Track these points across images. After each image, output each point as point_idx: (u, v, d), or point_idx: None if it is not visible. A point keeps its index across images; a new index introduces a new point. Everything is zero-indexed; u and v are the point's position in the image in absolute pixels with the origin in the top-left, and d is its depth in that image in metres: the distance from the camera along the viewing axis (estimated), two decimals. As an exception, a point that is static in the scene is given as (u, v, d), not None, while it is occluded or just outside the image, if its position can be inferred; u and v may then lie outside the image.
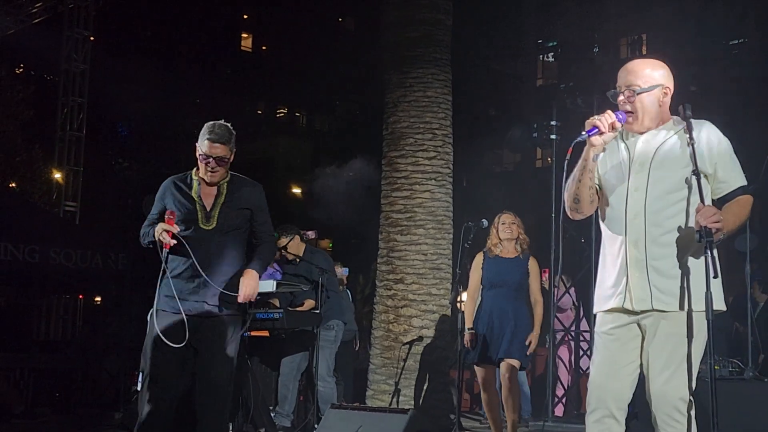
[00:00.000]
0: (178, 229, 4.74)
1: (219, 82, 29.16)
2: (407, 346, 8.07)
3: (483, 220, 6.83)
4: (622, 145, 3.68)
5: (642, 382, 3.60)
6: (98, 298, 17.23)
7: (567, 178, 3.71)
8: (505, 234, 6.76)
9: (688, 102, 3.63)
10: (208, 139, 4.82)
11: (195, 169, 4.99)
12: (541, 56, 30.25)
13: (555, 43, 28.64)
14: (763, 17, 17.88)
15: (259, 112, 35.60)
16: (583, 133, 3.57)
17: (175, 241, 4.70)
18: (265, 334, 7.34)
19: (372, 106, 10.41)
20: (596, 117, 3.55)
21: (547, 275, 9.26)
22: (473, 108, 21.77)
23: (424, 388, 8.13)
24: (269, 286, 7.03)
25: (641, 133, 3.64)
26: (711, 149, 3.53)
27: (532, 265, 6.78)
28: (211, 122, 4.92)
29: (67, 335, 15.50)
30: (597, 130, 3.53)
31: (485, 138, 22.77)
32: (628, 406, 3.65)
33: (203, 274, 4.70)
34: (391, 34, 8.84)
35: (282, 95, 33.64)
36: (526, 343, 6.56)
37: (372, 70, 10.54)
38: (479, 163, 25.27)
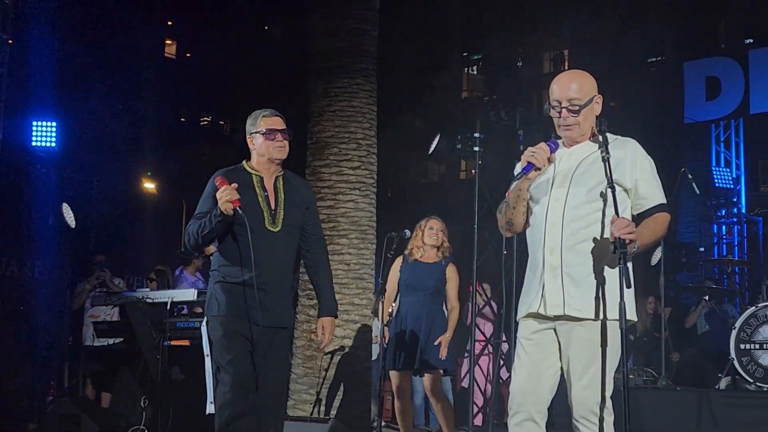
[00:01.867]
0: (236, 186, 4.34)
1: (142, 89, 28.75)
2: (329, 355, 8.05)
3: (406, 230, 6.85)
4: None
5: (561, 387, 3.70)
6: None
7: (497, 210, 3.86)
8: (431, 240, 6.74)
9: (606, 117, 3.76)
10: (265, 116, 4.61)
11: (245, 161, 4.67)
12: (466, 69, 30.57)
13: (480, 57, 28.99)
14: (679, 36, 18.37)
15: (183, 119, 35.18)
16: (521, 170, 3.68)
17: (239, 196, 4.29)
18: (186, 343, 7.26)
19: (297, 115, 10.38)
20: (531, 152, 3.65)
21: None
22: (398, 119, 21.87)
23: (346, 398, 8.12)
24: (190, 294, 6.95)
25: (568, 147, 3.78)
26: (634, 165, 3.67)
27: (451, 271, 6.71)
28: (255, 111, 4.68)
29: (-21, 345, 15.07)
30: (533, 167, 3.65)
31: (410, 149, 22.87)
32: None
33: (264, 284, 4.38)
34: (317, 44, 8.83)
35: (206, 103, 33.28)
36: (435, 344, 6.46)
37: (297, 79, 10.50)
38: (404, 174, 25.41)
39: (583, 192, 3.65)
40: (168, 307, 6.76)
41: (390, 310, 6.91)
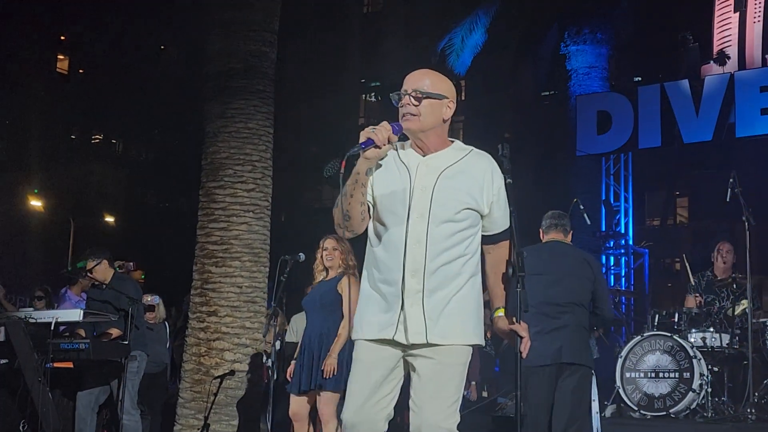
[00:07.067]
0: None
1: (31, 104, 27.97)
2: (218, 380, 7.90)
3: (300, 253, 6.77)
4: (402, 166, 3.51)
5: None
6: None
7: (334, 206, 3.50)
8: (327, 261, 6.54)
9: (501, 147, 3.68)
10: None
11: None
12: (363, 96, 30.75)
13: (378, 84, 29.21)
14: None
15: (73, 137, 34.35)
16: (359, 145, 3.36)
17: None
18: (69, 365, 7.02)
19: (192, 136, 10.24)
20: (371, 128, 3.37)
21: None
22: (295, 143, 21.83)
23: (235, 423, 7.97)
24: (75, 315, 6.74)
25: (423, 155, 3.50)
26: (491, 186, 3.48)
27: (343, 283, 6.32)
28: None
29: None
30: (372, 142, 3.35)
31: (306, 174, 22.82)
32: None
33: None
34: (214, 64, 8.72)
35: (98, 121, 32.61)
36: (321, 369, 6.20)
37: (193, 99, 10.37)
38: (299, 199, 25.35)
39: (447, 210, 3.39)
40: (52, 327, 6.51)
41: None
